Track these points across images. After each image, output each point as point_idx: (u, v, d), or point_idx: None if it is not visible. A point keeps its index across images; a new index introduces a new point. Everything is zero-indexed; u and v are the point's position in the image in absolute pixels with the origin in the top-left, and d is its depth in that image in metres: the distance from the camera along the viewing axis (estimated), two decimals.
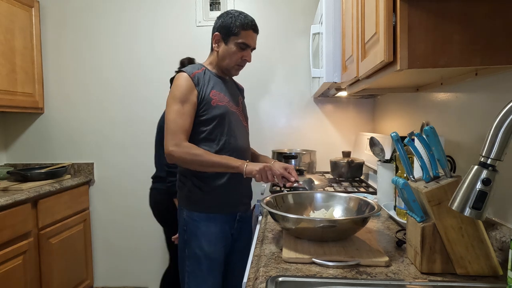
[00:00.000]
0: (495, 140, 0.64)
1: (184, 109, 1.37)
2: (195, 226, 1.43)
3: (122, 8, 2.60)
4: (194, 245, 1.43)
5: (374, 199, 1.48)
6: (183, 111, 1.37)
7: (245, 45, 1.44)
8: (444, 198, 0.82)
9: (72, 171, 2.66)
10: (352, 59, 1.26)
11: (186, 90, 1.38)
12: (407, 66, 0.76)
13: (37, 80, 2.55)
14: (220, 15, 1.47)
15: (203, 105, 1.40)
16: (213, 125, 1.41)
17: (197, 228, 1.43)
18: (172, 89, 1.41)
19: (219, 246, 1.45)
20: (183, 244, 1.47)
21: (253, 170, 1.33)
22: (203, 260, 1.42)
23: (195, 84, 1.40)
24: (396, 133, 0.92)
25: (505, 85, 0.94)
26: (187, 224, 1.45)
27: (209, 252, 1.42)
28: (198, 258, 1.42)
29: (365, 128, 2.50)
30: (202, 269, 1.42)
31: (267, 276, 0.85)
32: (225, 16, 1.44)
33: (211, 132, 1.41)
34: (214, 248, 1.43)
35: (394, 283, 0.81)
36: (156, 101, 2.59)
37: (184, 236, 1.46)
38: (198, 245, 1.42)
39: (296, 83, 2.53)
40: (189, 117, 1.38)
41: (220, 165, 1.36)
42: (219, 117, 1.41)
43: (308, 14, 2.46)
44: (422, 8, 0.75)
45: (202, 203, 1.44)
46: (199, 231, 1.43)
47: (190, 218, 1.44)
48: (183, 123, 1.37)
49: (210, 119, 1.41)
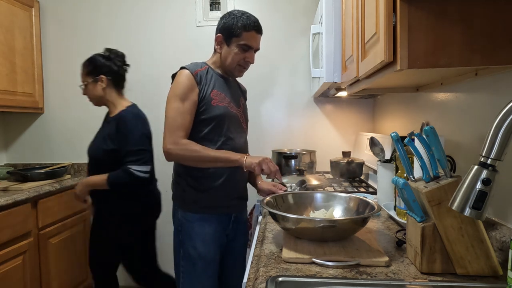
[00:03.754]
0: (495, 140, 0.64)
1: (184, 107, 1.36)
2: (189, 227, 1.43)
3: (122, 8, 2.60)
4: (189, 246, 1.42)
5: (374, 199, 1.48)
6: (183, 109, 1.36)
7: (247, 47, 1.42)
8: (444, 198, 0.82)
9: (72, 171, 2.66)
10: (352, 59, 1.26)
11: (188, 88, 1.37)
12: (407, 66, 0.76)
13: (37, 80, 2.55)
14: (223, 15, 1.45)
15: (203, 104, 1.39)
16: (212, 126, 1.40)
17: (192, 229, 1.43)
18: (173, 86, 1.39)
19: (213, 247, 1.44)
20: (178, 245, 1.47)
21: (252, 163, 1.34)
22: (197, 261, 1.41)
23: (197, 82, 1.38)
24: (396, 133, 0.92)
25: (505, 85, 0.94)
26: (182, 225, 1.44)
27: (204, 252, 1.42)
28: (192, 258, 1.42)
29: (365, 128, 2.50)
30: (196, 269, 1.42)
31: (267, 276, 0.85)
32: (227, 17, 1.42)
33: (209, 133, 1.40)
34: (209, 249, 1.43)
35: (394, 283, 0.81)
36: (155, 101, 2.58)
37: (179, 236, 1.46)
38: (192, 245, 1.42)
39: (296, 83, 2.53)
40: (189, 115, 1.37)
41: (220, 160, 1.36)
42: (218, 118, 1.40)
43: (308, 14, 2.47)
44: (422, 8, 0.75)
45: (196, 203, 1.43)
46: (194, 232, 1.42)
47: (184, 218, 1.44)
48: (182, 121, 1.36)
49: (209, 120, 1.39)
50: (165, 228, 2.60)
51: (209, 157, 1.35)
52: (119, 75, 1.88)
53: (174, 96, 1.37)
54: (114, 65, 1.86)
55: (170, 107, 1.36)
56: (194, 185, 1.43)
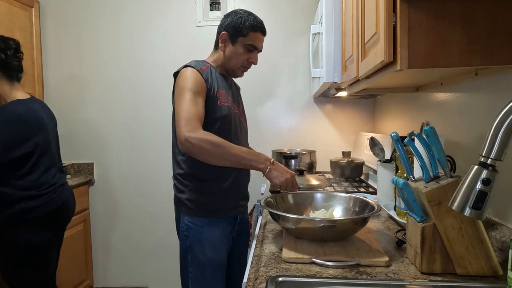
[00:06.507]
0: (495, 140, 0.64)
1: (197, 100, 1.28)
2: (198, 232, 1.38)
3: (122, 8, 2.60)
4: (198, 251, 1.38)
5: (374, 199, 1.48)
6: (195, 100, 1.26)
7: (253, 47, 1.40)
8: (444, 198, 0.82)
9: (72, 171, 2.66)
10: (352, 59, 1.26)
11: (197, 83, 1.30)
12: (407, 66, 0.76)
13: (37, 80, 2.55)
14: (228, 13, 1.42)
15: (210, 103, 1.34)
16: (217, 126, 1.35)
17: (201, 234, 1.38)
18: (181, 82, 1.31)
19: (222, 250, 1.40)
20: (185, 250, 1.42)
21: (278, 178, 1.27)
22: (207, 266, 1.38)
23: (205, 80, 1.33)
24: (396, 133, 0.92)
25: (505, 85, 0.94)
26: (189, 230, 1.39)
27: (213, 257, 1.38)
28: (201, 264, 1.38)
29: (365, 128, 2.50)
30: (206, 275, 1.38)
31: (267, 276, 0.85)
32: (233, 16, 1.39)
33: (215, 133, 1.32)
34: (218, 253, 1.39)
35: (394, 283, 0.81)
36: (156, 101, 2.59)
37: (186, 242, 1.41)
38: (201, 250, 1.37)
39: (296, 83, 2.53)
40: (202, 108, 1.28)
41: (243, 160, 1.26)
42: (223, 118, 1.36)
43: (308, 14, 2.47)
44: (422, 8, 0.75)
45: (204, 207, 1.38)
46: (203, 237, 1.37)
47: (192, 223, 1.39)
48: (197, 111, 1.25)
49: (214, 120, 1.35)
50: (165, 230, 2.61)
51: (232, 155, 1.24)
52: (8, 64, 1.66)
53: (185, 88, 1.27)
54: (2, 54, 1.64)
55: (182, 99, 1.26)
56: (200, 189, 1.38)
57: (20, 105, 1.62)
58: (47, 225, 1.69)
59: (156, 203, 2.63)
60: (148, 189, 2.65)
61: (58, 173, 1.78)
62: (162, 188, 2.60)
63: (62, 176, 1.81)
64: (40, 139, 1.66)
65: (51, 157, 1.74)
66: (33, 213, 1.63)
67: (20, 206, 1.60)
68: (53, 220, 1.72)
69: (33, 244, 1.66)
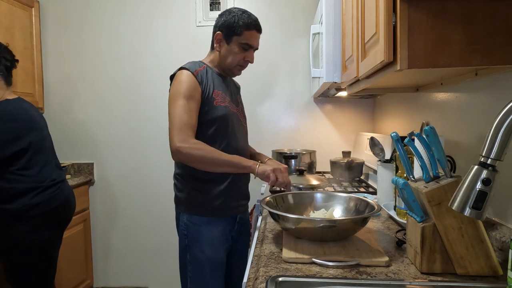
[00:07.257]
0: (495, 140, 0.64)
1: (190, 105, 1.30)
2: (196, 230, 1.39)
3: (122, 8, 2.60)
4: (196, 250, 1.39)
5: (374, 199, 1.48)
6: (188, 107, 1.29)
7: (248, 46, 1.40)
8: (444, 198, 0.82)
9: (72, 171, 2.66)
10: (352, 59, 1.26)
11: (191, 87, 1.32)
12: (407, 66, 0.76)
13: (37, 80, 2.55)
14: (222, 13, 1.42)
15: (206, 105, 1.35)
16: (215, 127, 1.36)
17: (199, 233, 1.39)
18: (175, 86, 1.33)
19: (221, 250, 1.41)
20: (183, 249, 1.43)
21: (266, 170, 1.29)
22: (205, 265, 1.39)
23: (199, 82, 1.34)
24: (396, 133, 0.92)
25: (505, 85, 0.94)
26: (188, 229, 1.40)
27: (211, 256, 1.39)
28: (200, 262, 1.39)
29: (365, 128, 2.50)
30: (204, 273, 1.39)
31: (267, 276, 0.85)
32: (227, 15, 1.39)
33: (213, 134, 1.36)
34: (216, 252, 1.40)
35: (394, 283, 0.81)
36: (156, 101, 2.59)
37: (185, 241, 1.42)
38: (200, 249, 1.39)
39: (296, 83, 2.53)
40: (195, 114, 1.31)
41: (232, 165, 1.30)
42: (221, 118, 1.37)
43: (308, 14, 2.47)
44: (422, 8, 0.75)
45: (203, 206, 1.39)
46: (201, 236, 1.39)
47: (191, 222, 1.40)
48: (190, 120, 1.28)
49: (212, 121, 1.36)
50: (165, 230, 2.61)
51: (221, 161, 1.28)
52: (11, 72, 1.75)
53: (178, 94, 1.30)
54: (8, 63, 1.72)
55: (175, 105, 1.29)
56: (200, 188, 1.39)
57: (9, 103, 1.67)
58: (49, 223, 1.71)
59: (156, 203, 2.63)
60: (148, 189, 2.65)
61: (56, 169, 1.80)
62: (162, 188, 2.60)
63: (61, 173, 1.83)
64: (33, 136, 1.70)
65: (47, 154, 1.76)
66: (35, 210, 1.64)
67: (23, 201, 1.62)
68: (55, 218, 1.73)
69: (36, 244, 1.67)
